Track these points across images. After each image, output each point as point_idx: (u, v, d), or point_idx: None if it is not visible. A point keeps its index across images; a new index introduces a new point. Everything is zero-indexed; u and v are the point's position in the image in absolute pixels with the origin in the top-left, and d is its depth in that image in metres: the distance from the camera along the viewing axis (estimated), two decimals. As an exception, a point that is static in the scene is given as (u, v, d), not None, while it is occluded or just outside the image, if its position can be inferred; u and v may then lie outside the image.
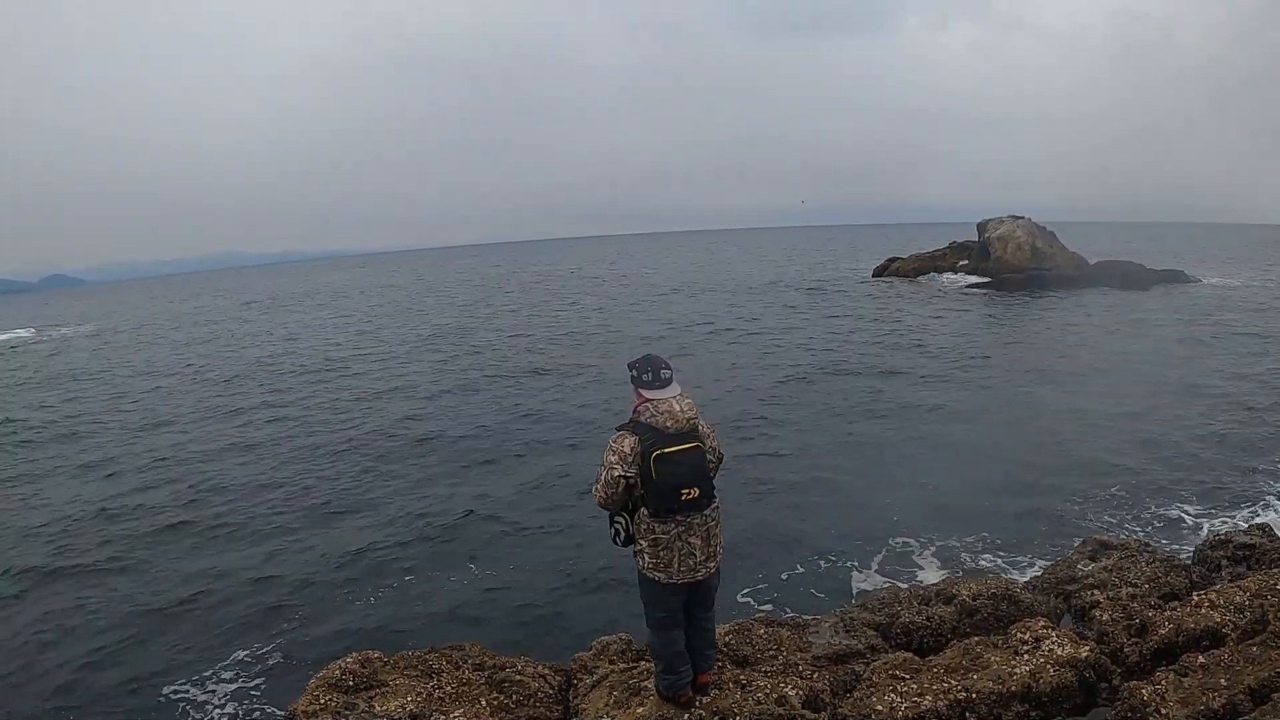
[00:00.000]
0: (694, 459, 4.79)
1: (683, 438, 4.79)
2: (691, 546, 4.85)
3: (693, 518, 4.82)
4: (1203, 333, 28.52)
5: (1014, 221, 48.45)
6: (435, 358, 30.62)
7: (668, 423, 4.79)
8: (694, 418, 4.88)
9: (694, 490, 4.76)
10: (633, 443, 4.76)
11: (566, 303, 51.45)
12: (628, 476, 4.75)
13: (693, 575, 4.91)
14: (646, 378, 4.92)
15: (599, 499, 4.88)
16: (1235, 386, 19.94)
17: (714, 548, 4.97)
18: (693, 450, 4.79)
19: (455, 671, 5.93)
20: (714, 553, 4.98)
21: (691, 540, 4.84)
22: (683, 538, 4.83)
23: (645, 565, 4.92)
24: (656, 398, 4.88)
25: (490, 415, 20.32)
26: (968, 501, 12.37)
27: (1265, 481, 12.94)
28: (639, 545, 4.91)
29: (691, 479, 4.76)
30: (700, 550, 4.88)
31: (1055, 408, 18.52)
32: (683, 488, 4.73)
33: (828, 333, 31.56)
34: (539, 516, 13.03)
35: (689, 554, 4.86)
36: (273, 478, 16.10)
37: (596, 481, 4.87)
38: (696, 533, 4.85)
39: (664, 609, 5.02)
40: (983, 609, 6.92)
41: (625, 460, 4.75)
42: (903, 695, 5.27)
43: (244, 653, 9.34)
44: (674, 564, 4.86)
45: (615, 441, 4.82)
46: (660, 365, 4.94)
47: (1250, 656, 5.23)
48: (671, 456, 4.72)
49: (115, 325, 62.05)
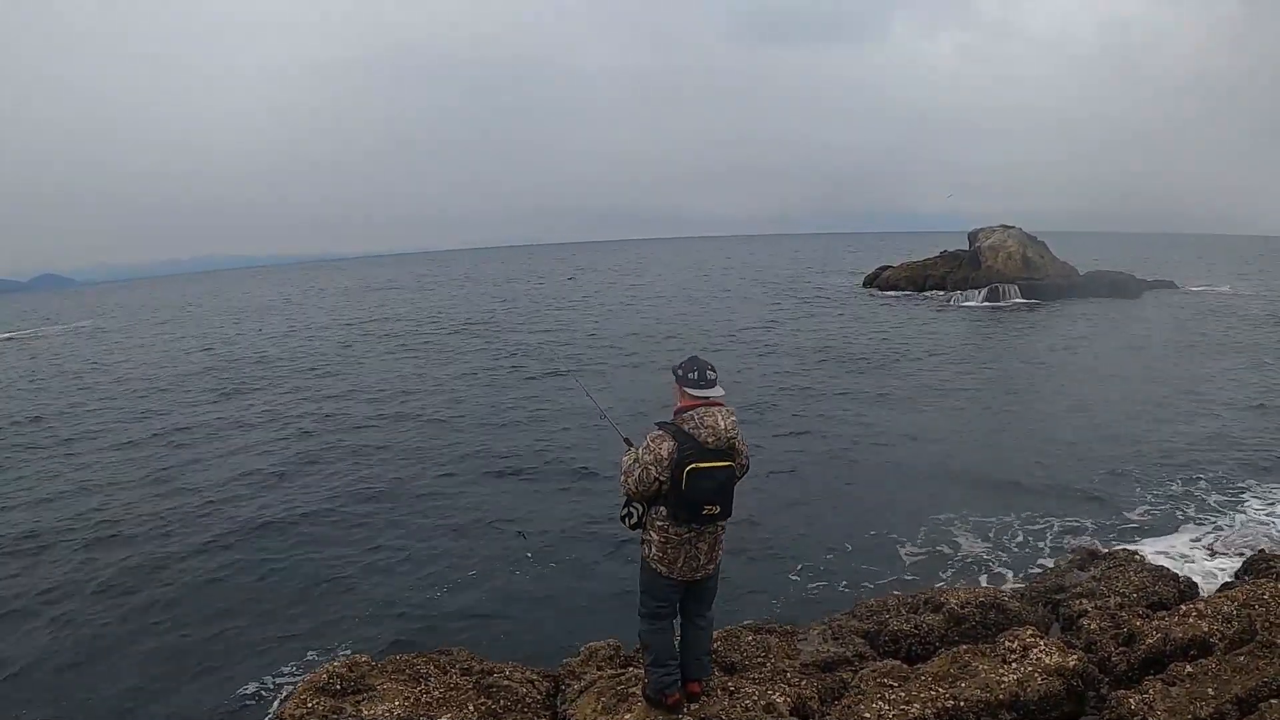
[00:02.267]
0: (724, 476, 4.80)
1: (719, 454, 4.79)
2: (698, 551, 4.93)
3: (706, 528, 4.89)
4: (1191, 338, 28.70)
5: (1005, 231, 48.63)
6: (396, 362, 30.67)
7: (708, 437, 4.77)
8: (734, 435, 4.87)
9: (716, 507, 4.80)
10: (670, 448, 4.76)
11: (558, 307, 51.45)
12: (661, 480, 4.78)
13: (693, 575, 4.99)
14: (693, 376, 4.92)
15: (627, 489, 4.92)
16: (1222, 394, 20.06)
17: (716, 552, 5.05)
18: (725, 468, 4.80)
19: (443, 676, 5.91)
20: (715, 556, 5.05)
21: (699, 545, 4.92)
22: (692, 543, 4.90)
23: (651, 555, 4.99)
24: (701, 395, 4.88)
25: (479, 419, 20.30)
26: (957, 510, 12.36)
27: (1252, 492, 12.97)
28: (649, 536, 4.97)
29: (717, 496, 4.78)
30: (705, 555, 4.97)
31: (1041, 417, 18.59)
32: (707, 503, 4.76)
33: (816, 341, 31.57)
34: (525, 521, 12.96)
35: (694, 557, 4.94)
36: (247, 480, 16.05)
37: (626, 473, 4.90)
38: (705, 539, 4.93)
39: (661, 599, 5.09)
40: (971, 617, 6.93)
41: (660, 463, 4.76)
42: (891, 703, 5.28)
43: (229, 657, 9.24)
44: (678, 563, 4.94)
45: (654, 442, 4.82)
46: (706, 366, 4.95)
47: (1238, 666, 5.25)
48: (704, 472, 4.73)
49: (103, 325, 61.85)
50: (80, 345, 47.68)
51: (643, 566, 5.10)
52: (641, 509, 4.95)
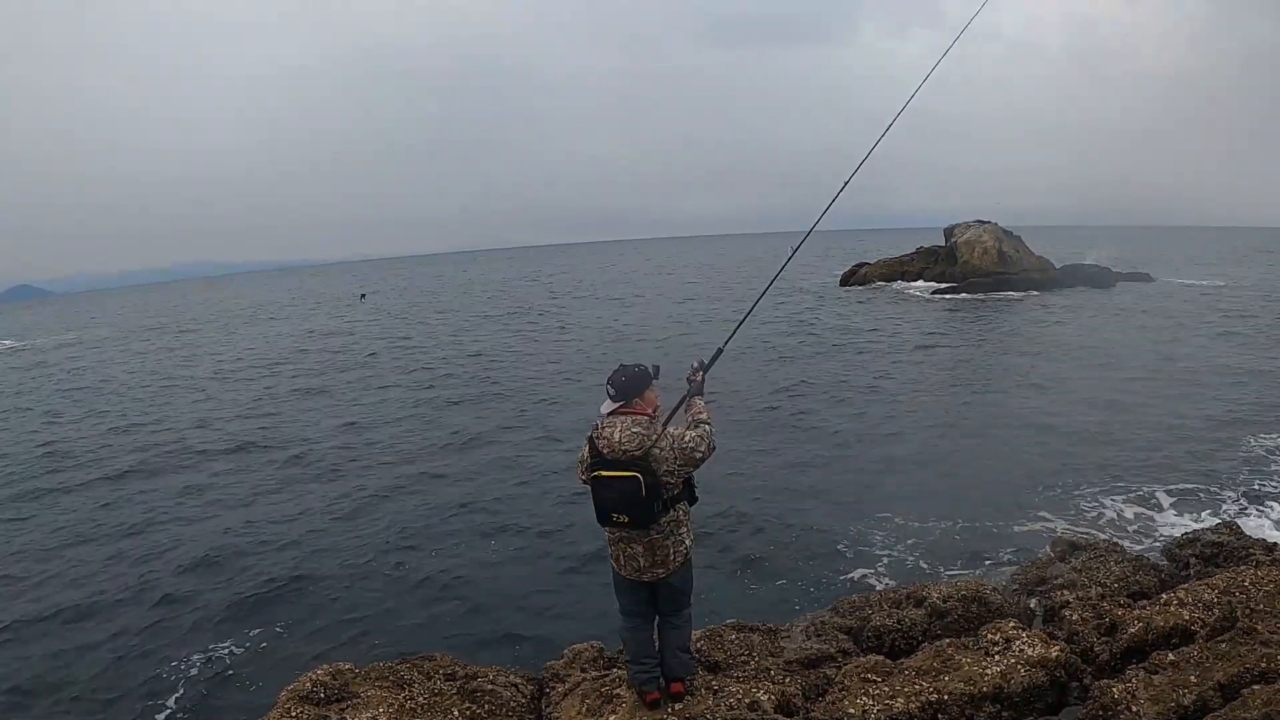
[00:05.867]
0: (625, 487, 4.69)
1: (620, 465, 4.73)
2: (635, 553, 4.92)
3: (631, 533, 4.87)
4: (1165, 326, 29.03)
5: (980, 226, 49.01)
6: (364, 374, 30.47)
7: (604, 448, 4.80)
8: (634, 450, 4.73)
9: (625, 516, 4.74)
10: (585, 452, 4.92)
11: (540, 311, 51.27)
12: (583, 479, 4.94)
13: (639, 576, 4.98)
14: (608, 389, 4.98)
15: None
16: (1198, 380, 20.39)
17: (662, 557, 4.93)
18: (627, 479, 4.68)
19: (427, 682, 5.86)
20: (662, 561, 4.94)
21: (634, 548, 4.91)
22: (623, 544, 4.94)
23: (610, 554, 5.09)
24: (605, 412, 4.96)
25: (468, 423, 20.24)
26: (938, 505, 12.40)
27: (1230, 478, 13.11)
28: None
29: (618, 506, 4.73)
30: (644, 558, 4.93)
31: (1018, 409, 18.70)
32: (613, 510, 4.75)
33: (795, 340, 31.64)
34: (507, 523, 12.93)
35: (632, 558, 4.95)
36: (227, 481, 15.96)
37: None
38: (639, 543, 4.89)
39: (623, 595, 5.17)
40: (953, 611, 6.94)
41: (582, 464, 4.97)
42: (875, 698, 5.27)
43: (210, 664, 9.17)
44: (621, 561, 5.00)
45: (585, 441, 4.96)
46: (609, 382, 4.96)
47: (1220, 653, 5.29)
48: (604, 481, 4.75)
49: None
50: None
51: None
52: None
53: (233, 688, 8.72)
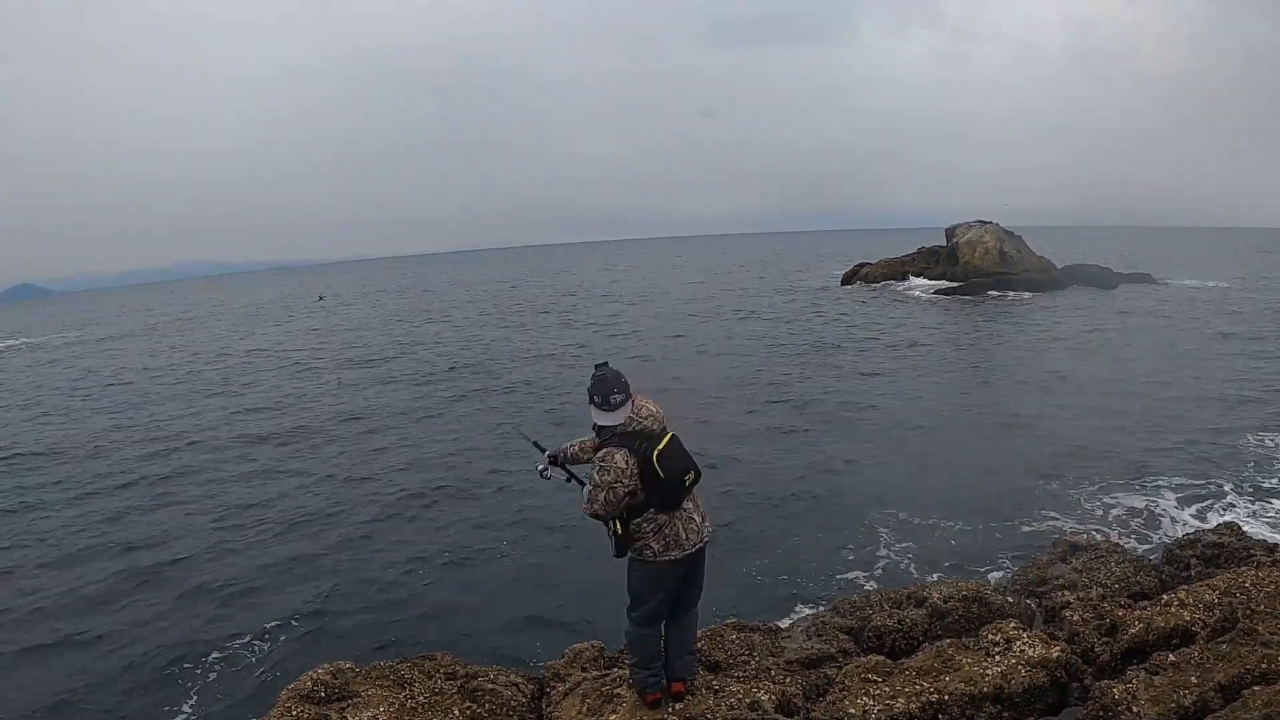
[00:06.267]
0: (680, 446, 4.92)
1: (665, 432, 4.93)
2: (691, 514, 5.01)
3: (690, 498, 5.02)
4: (1167, 326, 28.96)
5: (981, 227, 48.96)
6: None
7: (653, 424, 4.92)
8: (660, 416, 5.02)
9: (691, 472, 4.91)
10: (624, 455, 4.81)
11: (540, 311, 51.29)
12: (629, 488, 4.80)
13: (700, 538, 5.03)
14: (597, 400, 4.93)
15: (596, 511, 4.86)
16: (1199, 381, 20.34)
17: (703, 509, 5.13)
18: (675, 438, 4.93)
19: (428, 681, 5.85)
20: (703, 512, 5.12)
21: (689, 508, 5.01)
22: (682, 518, 4.98)
23: (655, 552, 4.94)
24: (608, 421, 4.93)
25: (464, 427, 20.20)
26: (939, 505, 12.40)
27: (1231, 478, 13.09)
28: (642, 540, 4.95)
29: (686, 464, 4.89)
30: (696, 514, 5.04)
31: (1019, 409, 18.68)
32: (684, 473, 4.87)
33: (795, 339, 31.64)
34: (508, 524, 12.92)
35: (689, 521, 4.99)
36: (230, 486, 15.93)
37: (590, 501, 4.86)
38: (692, 501, 5.03)
39: (660, 591, 5.05)
40: (954, 611, 6.94)
41: (624, 474, 4.78)
42: (875, 698, 5.27)
43: (210, 663, 9.16)
44: (681, 535, 4.96)
45: (606, 459, 4.81)
46: (610, 388, 4.91)
47: (1220, 654, 5.28)
48: (667, 451, 4.83)
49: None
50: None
51: (636, 573, 5.06)
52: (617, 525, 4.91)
53: (233, 687, 8.71)
